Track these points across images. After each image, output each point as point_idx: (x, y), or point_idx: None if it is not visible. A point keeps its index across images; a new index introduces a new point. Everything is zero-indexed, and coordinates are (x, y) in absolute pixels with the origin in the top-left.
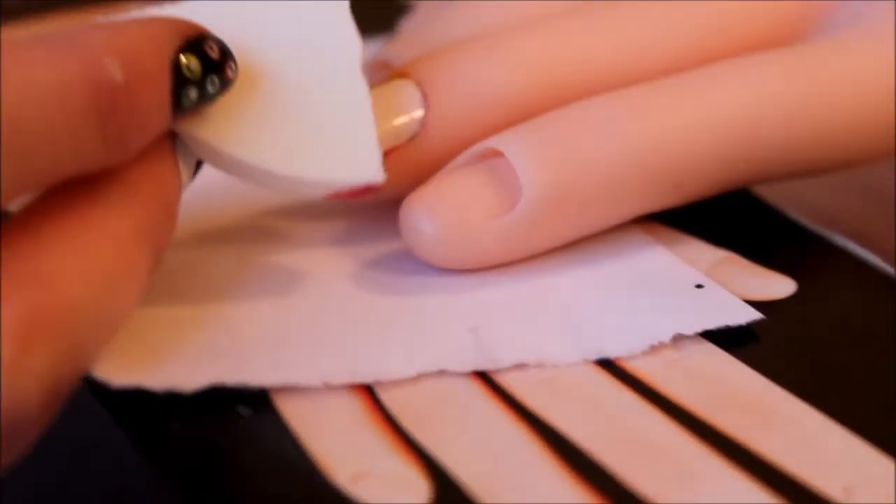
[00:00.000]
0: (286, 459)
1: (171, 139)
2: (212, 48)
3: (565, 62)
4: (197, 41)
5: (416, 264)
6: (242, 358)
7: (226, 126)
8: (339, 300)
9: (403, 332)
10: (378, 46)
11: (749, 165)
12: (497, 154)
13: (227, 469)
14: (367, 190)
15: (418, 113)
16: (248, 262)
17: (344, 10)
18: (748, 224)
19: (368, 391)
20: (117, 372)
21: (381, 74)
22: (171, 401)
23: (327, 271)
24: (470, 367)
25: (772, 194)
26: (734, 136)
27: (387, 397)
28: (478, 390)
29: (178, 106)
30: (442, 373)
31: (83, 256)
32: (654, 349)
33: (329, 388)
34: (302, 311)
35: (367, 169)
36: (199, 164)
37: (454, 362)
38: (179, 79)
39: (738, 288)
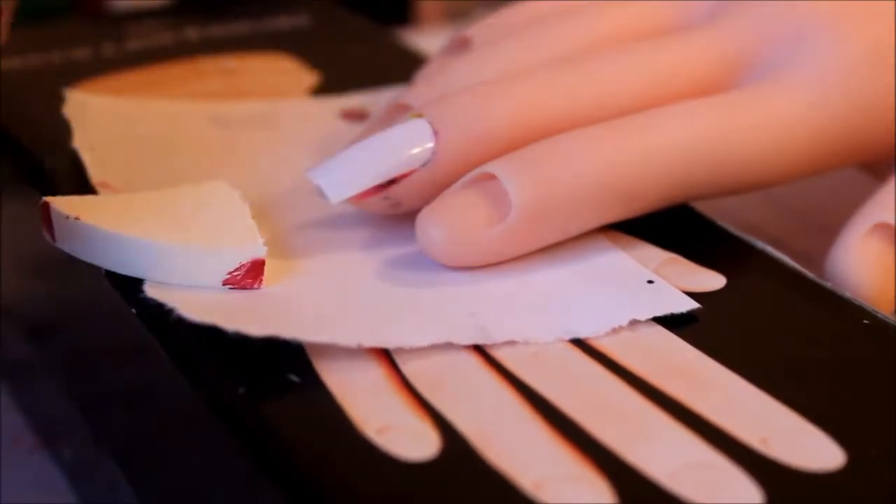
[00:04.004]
0: (326, 416)
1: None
2: None
3: (546, 104)
4: None
5: (428, 263)
6: (297, 321)
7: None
8: (368, 290)
9: (418, 312)
10: (398, 92)
11: (687, 187)
12: (492, 177)
13: (280, 423)
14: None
15: (429, 144)
16: (298, 260)
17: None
18: (687, 231)
19: (391, 363)
20: (198, 311)
21: (401, 114)
22: (238, 368)
23: (358, 269)
24: (471, 342)
25: (706, 208)
26: (675, 164)
27: (405, 368)
28: (477, 363)
29: None
30: (448, 345)
31: None
32: (615, 330)
33: (361, 349)
34: (340, 296)
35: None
36: None
37: (458, 337)
38: None
39: (680, 282)
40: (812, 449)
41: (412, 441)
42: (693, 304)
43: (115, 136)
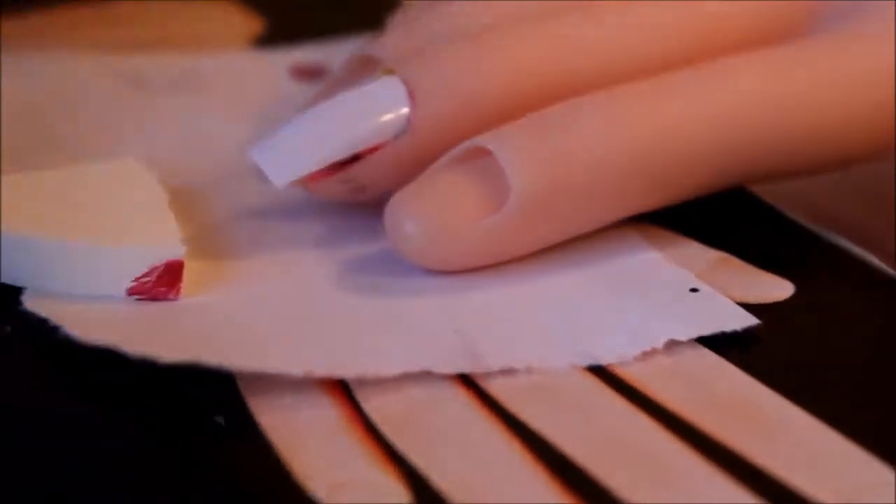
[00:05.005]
0: (263, 469)
1: None
2: None
3: (555, 59)
4: None
5: (400, 266)
6: (226, 343)
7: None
8: (322, 301)
9: (387, 332)
10: (364, 43)
11: (741, 165)
12: (485, 152)
13: (202, 477)
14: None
15: (404, 110)
16: (231, 262)
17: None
18: (744, 223)
19: (350, 400)
20: (92, 329)
21: (367, 71)
22: (146, 407)
23: (310, 272)
24: (456, 370)
25: (769, 192)
26: (725, 134)
27: (368, 405)
28: (463, 397)
29: None
30: (426, 374)
31: None
32: (647, 355)
33: (310, 381)
34: (284, 309)
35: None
36: None
37: (439, 364)
38: None
39: (734, 291)
40: None
41: (375, 501)
42: (751, 320)
43: None
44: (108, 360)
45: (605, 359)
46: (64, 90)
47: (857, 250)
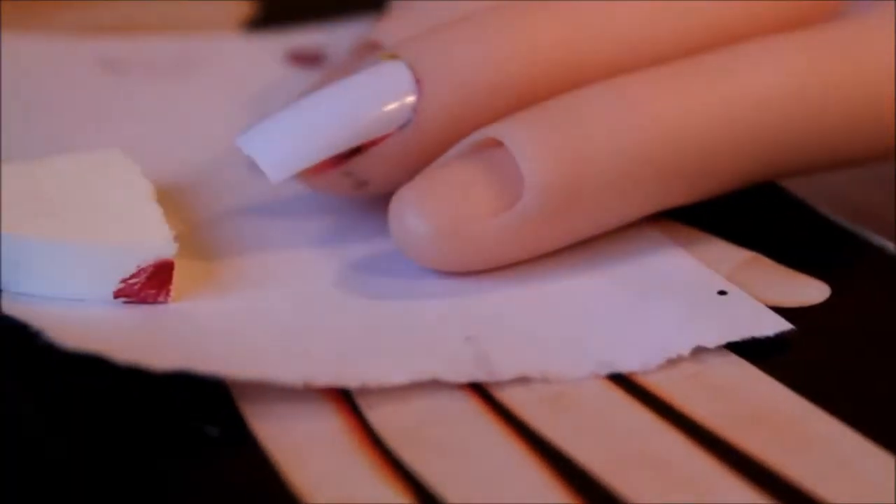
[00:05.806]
0: (259, 484)
1: None
2: None
3: (573, 42)
4: None
5: (406, 266)
6: (219, 349)
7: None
8: (322, 304)
9: (393, 338)
10: (366, 26)
11: (775, 156)
12: (497, 144)
13: (194, 494)
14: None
15: (410, 98)
16: (224, 262)
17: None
18: (776, 221)
19: (353, 410)
20: (76, 335)
21: (369, 56)
22: (133, 418)
23: (309, 273)
24: (466, 378)
25: (802, 188)
26: (759, 122)
27: (373, 415)
28: (475, 408)
29: None
30: (435, 384)
31: None
32: (672, 363)
33: (310, 390)
34: (281, 313)
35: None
36: None
37: (449, 372)
38: None
39: (765, 293)
40: None
41: None
42: (784, 325)
43: None
44: (92, 369)
45: (626, 367)
46: (41, 75)
47: None
